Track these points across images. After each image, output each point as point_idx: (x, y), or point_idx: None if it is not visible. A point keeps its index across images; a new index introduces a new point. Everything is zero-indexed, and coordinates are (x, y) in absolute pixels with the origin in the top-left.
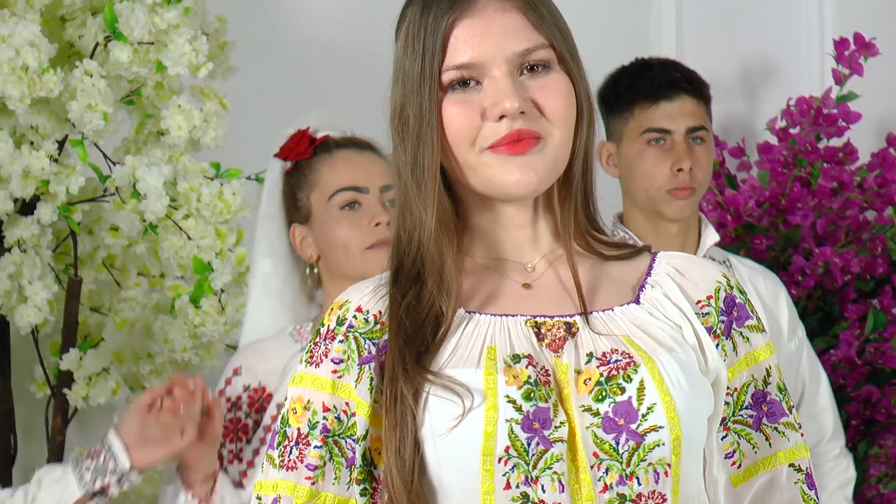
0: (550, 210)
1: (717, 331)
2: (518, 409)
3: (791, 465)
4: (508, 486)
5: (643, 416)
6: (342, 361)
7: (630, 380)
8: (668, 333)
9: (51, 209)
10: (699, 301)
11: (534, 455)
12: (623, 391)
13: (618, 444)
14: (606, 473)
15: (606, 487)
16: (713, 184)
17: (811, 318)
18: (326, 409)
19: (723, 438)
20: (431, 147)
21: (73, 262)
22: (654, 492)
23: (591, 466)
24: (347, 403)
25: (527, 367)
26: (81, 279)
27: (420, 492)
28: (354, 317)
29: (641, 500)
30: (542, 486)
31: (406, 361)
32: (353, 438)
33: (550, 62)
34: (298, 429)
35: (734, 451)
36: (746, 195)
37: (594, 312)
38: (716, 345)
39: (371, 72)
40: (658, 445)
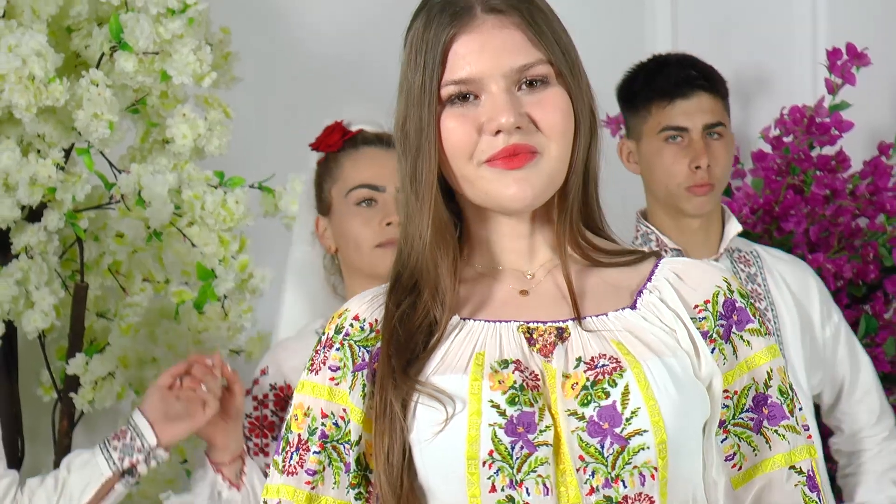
0: (549, 221)
1: (714, 335)
2: (502, 414)
3: (791, 468)
4: (494, 490)
5: (627, 420)
6: (338, 369)
7: (615, 384)
8: (661, 338)
9: (57, 216)
10: (696, 305)
11: (518, 459)
12: (608, 395)
13: (603, 448)
14: (592, 476)
15: (593, 490)
16: None
17: None
18: (324, 416)
19: (723, 441)
20: (429, 160)
21: (80, 269)
22: (641, 494)
23: (578, 469)
24: (344, 410)
25: (514, 372)
26: (87, 285)
27: (411, 496)
28: (351, 325)
29: (628, 503)
30: (527, 489)
31: (394, 370)
32: (349, 444)
33: (548, 77)
34: (299, 435)
35: (734, 454)
36: (741, 202)
37: (587, 317)
38: (712, 349)
39: (373, 82)
40: (643, 449)
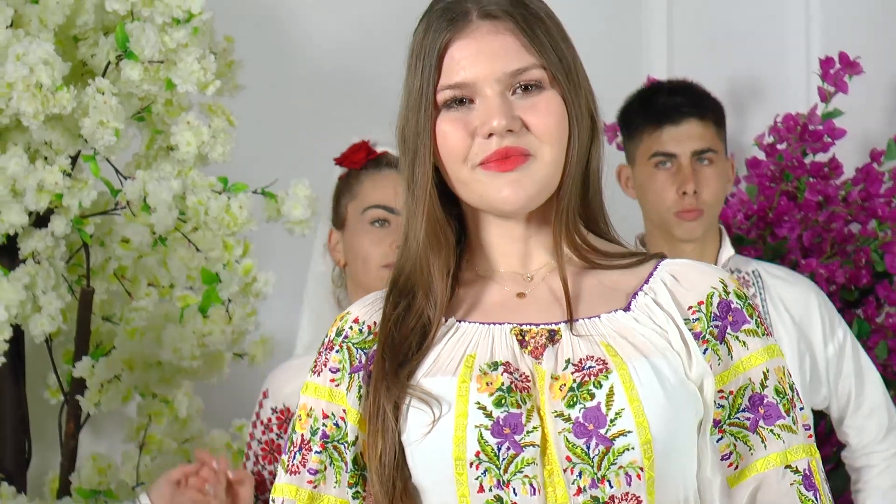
0: (547, 224)
1: (708, 336)
2: (488, 416)
3: (787, 467)
4: (482, 490)
5: (611, 422)
6: (338, 370)
7: (600, 386)
8: (651, 339)
9: (64, 222)
10: (690, 307)
11: (504, 459)
12: (593, 397)
13: (588, 449)
14: (580, 477)
15: (580, 490)
16: None
17: None
18: (325, 416)
19: (719, 440)
20: (424, 163)
21: (86, 273)
22: (628, 494)
23: (565, 470)
24: (343, 410)
25: (502, 374)
26: (93, 289)
27: (404, 495)
28: (350, 328)
29: (615, 502)
30: (514, 490)
31: (386, 373)
32: (348, 444)
33: (542, 82)
34: (302, 435)
35: (730, 453)
36: (735, 208)
37: (579, 320)
38: (704, 350)
39: (374, 90)
40: (628, 449)
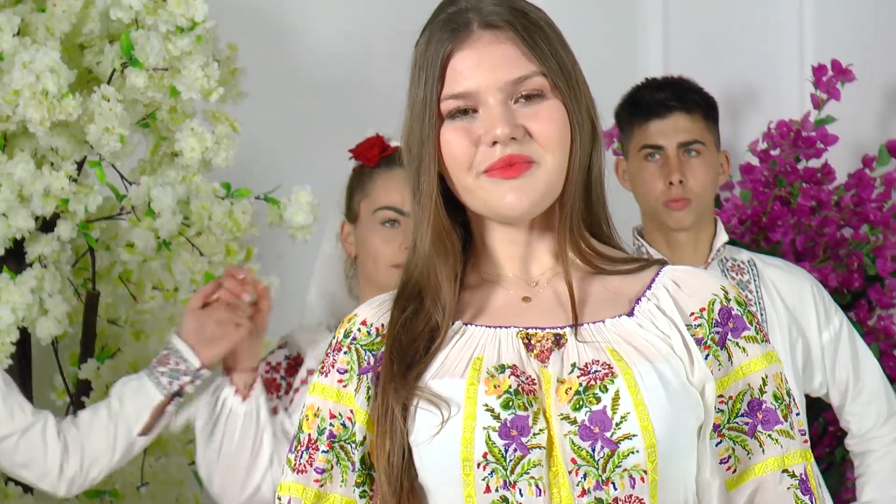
0: (550, 229)
1: (709, 342)
2: (496, 418)
3: (784, 471)
4: (488, 490)
5: (617, 425)
6: (346, 371)
7: (606, 390)
8: (655, 344)
9: (70, 227)
10: (692, 313)
11: (511, 461)
12: (598, 401)
13: (594, 451)
14: (584, 479)
15: (585, 492)
16: None
17: None
18: (333, 416)
19: (718, 444)
20: (429, 172)
21: (92, 277)
22: (631, 496)
23: (570, 472)
24: (351, 411)
25: (509, 377)
26: (99, 293)
27: (411, 495)
28: (359, 329)
29: None
30: (520, 490)
31: (395, 375)
32: (355, 444)
33: (543, 90)
34: (309, 434)
35: (729, 457)
36: (730, 213)
37: (584, 324)
38: (706, 355)
39: (375, 97)
40: (632, 452)
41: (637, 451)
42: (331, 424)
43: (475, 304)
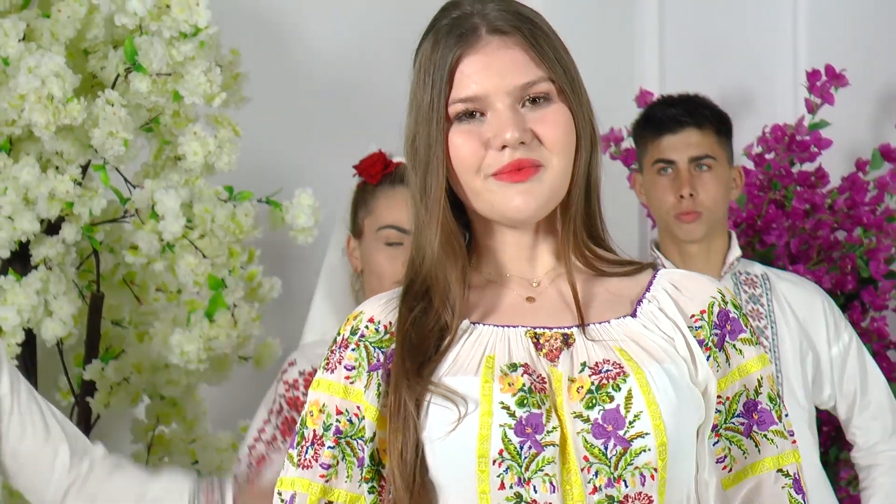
0: (553, 231)
1: (710, 343)
2: (511, 415)
3: (779, 471)
4: (503, 487)
5: (630, 424)
6: (354, 368)
7: (619, 389)
8: (661, 346)
9: (75, 229)
10: (693, 315)
11: (526, 458)
12: (612, 399)
13: (606, 449)
14: (596, 476)
15: (596, 489)
16: None
17: None
18: (339, 413)
19: (715, 444)
20: (438, 174)
21: (96, 279)
22: (641, 493)
23: (582, 469)
24: (358, 407)
25: (522, 376)
26: (103, 295)
27: (422, 490)
28: (366, 327)
29: (628, 502)
30: (534, 487)
31: (408, 371)
32: (363, 440)
33: (550, 94)
34: (314, 430)
35: (725, 456)
36: None
37: (591, 324)
38: (707, 357)
39: (376, 101)
40: (644, 451)
41: (649, 450)
42: (337, 420)
43: (480, 304)
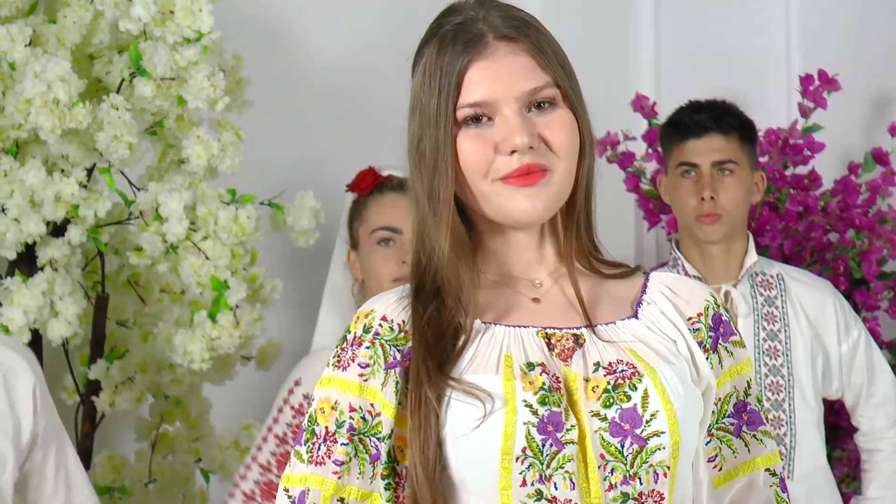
0: (555, 233)
1: (707, 345)
2: (534, 413)
3: (767, 470)
4: (524, 484)
5: (647, 423)
6: (368, 366)
7: (635, 388)
8: (666, 346)
9: (80, 231)
10: (690, 318)
11: (547, 455)
12: (629, 399)
13: (623, 447)
14: (612, 473)
15: (612, 486)
16: None
17: None
18: (353, 410)
19: (707, 443)
20: (446, 177)
21: (101, 280)
22: (654, 490)
23: (599, 467)
24: (372, 404)
25: (541, 374)
26: (108, 295)
27: (440, 487)
28: (380, 325)
29: (643, 498)
30: (555, 484)
31: (429, 369)
32: (378, 437)
33: (556, 99)
34: (326, 427)
35: (716, 455)
36: None
37: (599, 325)
38: (706, 358)
39: (377, 105)
40: (659, 449)
41: (663, 448)
42: (350, 417)
43: (490, 305)
